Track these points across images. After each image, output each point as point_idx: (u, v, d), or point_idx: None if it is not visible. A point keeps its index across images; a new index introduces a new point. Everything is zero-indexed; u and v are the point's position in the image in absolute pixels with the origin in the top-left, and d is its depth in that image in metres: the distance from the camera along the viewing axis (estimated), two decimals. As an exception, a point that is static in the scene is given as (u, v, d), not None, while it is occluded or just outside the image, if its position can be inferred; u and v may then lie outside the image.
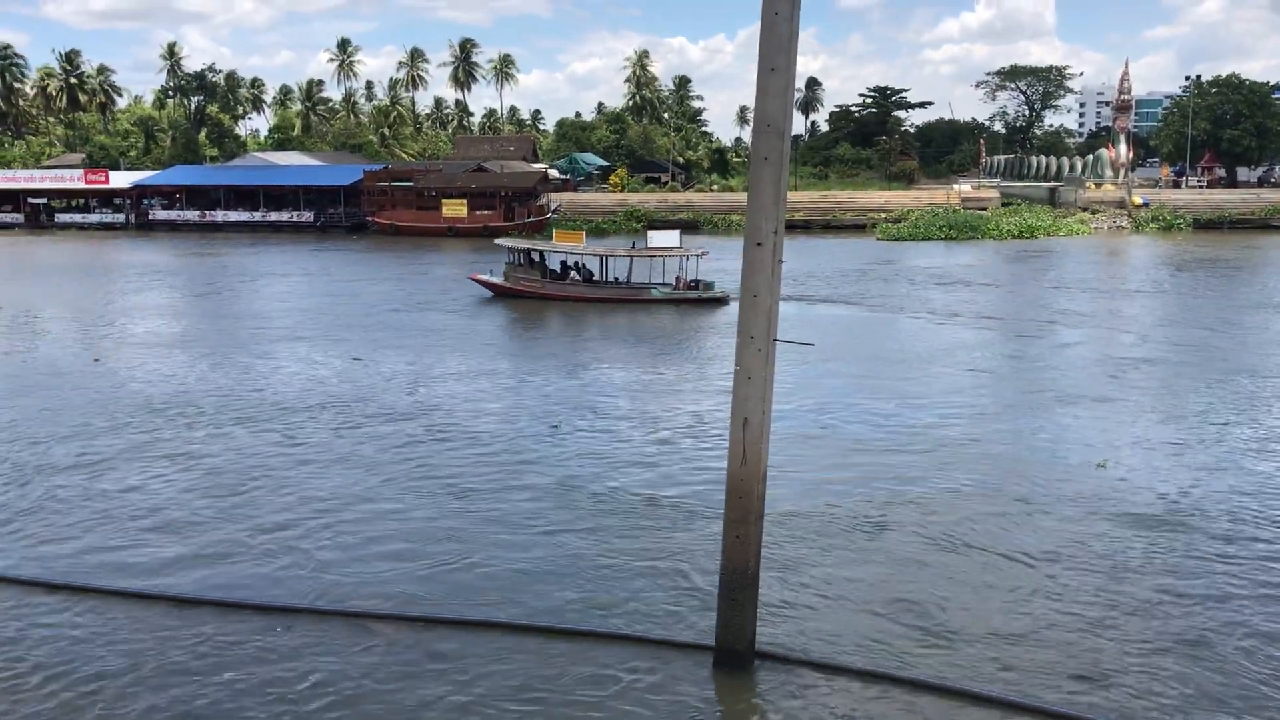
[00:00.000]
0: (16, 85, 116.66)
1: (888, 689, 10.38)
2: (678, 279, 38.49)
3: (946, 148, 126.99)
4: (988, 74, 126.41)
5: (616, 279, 39.62)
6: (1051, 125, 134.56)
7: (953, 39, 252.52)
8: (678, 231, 41.48)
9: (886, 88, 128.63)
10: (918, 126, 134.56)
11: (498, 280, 39.88)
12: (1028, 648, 11.16)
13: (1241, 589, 12.57)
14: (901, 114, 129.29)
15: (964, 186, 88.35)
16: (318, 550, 13.88)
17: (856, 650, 11.09)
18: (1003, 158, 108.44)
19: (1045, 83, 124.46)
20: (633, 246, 40.08)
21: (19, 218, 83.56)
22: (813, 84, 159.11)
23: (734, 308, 37.38)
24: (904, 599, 12.34)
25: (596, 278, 39.70)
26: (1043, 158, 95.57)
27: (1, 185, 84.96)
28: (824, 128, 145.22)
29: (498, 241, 42.89)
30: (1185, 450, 18.40)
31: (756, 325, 9.76)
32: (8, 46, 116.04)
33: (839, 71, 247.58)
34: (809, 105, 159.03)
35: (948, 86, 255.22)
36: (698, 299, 37.57)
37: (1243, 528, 14.53)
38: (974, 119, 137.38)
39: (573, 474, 17.31)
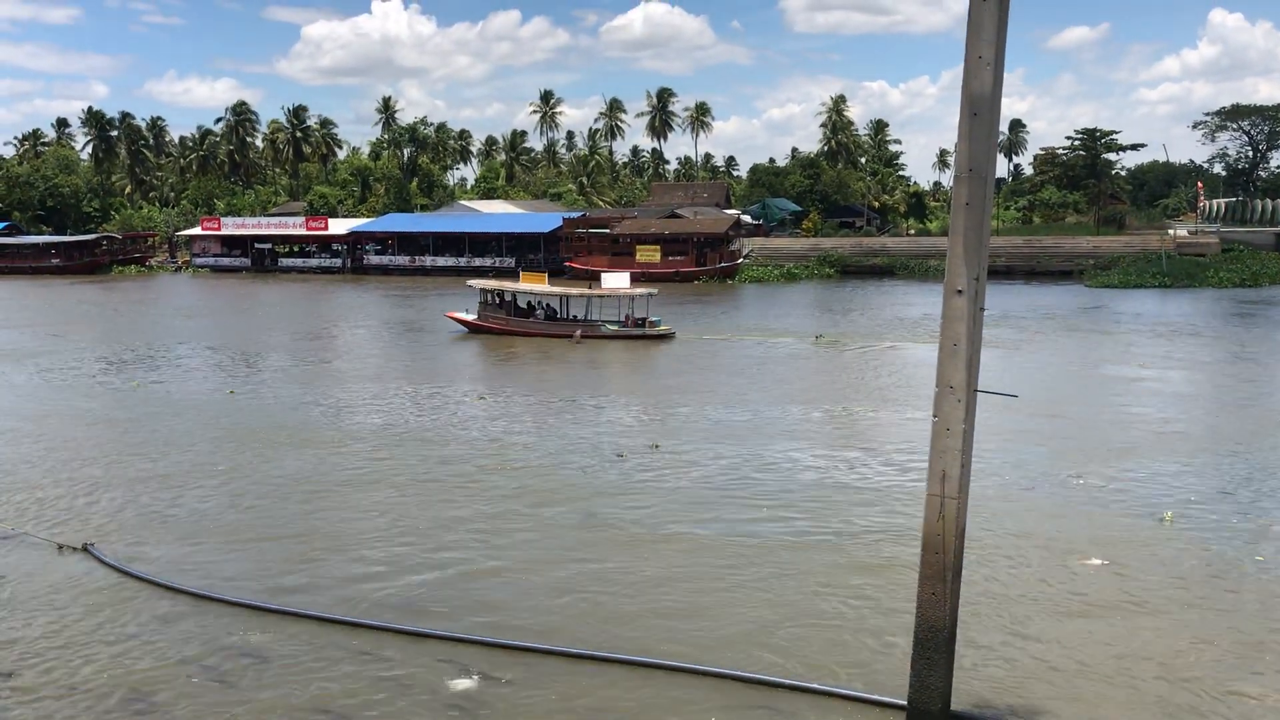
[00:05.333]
0: (248, 139, 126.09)
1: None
2: (626, 317, 42.24)
3: (1160, 191, 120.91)
4: (1206, 114, 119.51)
5: (575, 316, 43.46)
6: (1279, 167, 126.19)
7: (1172, 78, 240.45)
8: (627, 274, 45.50)
9: (1096, 129, 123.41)
10: (1129, 169, 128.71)
11: (472, 318, 44.01)
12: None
13: None
14: (1112, 156, 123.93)
15: (1180, 231, 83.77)
16: (489, 589, 14.18)
17: (1056, 718, 10.49)
18: (1223, 201, 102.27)
19: (1272, 122, 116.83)
20: (589, 287, 43.75)
21: (246, 261, 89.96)
22: (1017, 126, 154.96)
23: (680, 343, 40.06)
24: (1101, 663, 11.62)
25: (560, 315, 43.58)
26: (1269, 201, 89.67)
27: (232, 231, 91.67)
28: (1028, 170, 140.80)
29: (469, 283, 46.84)
30: None
31: (956, 375, 9.46)
32: (243, 104, 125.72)
33: (1046, 112, 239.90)
34: (1013, 148, 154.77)
35: (1164, 127, 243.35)
36: (643, 335, 41.07)
37: None
38: (1191, 160, 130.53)
39: (695, 510, 17.37)
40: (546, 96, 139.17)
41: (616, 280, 42.88)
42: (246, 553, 15.64)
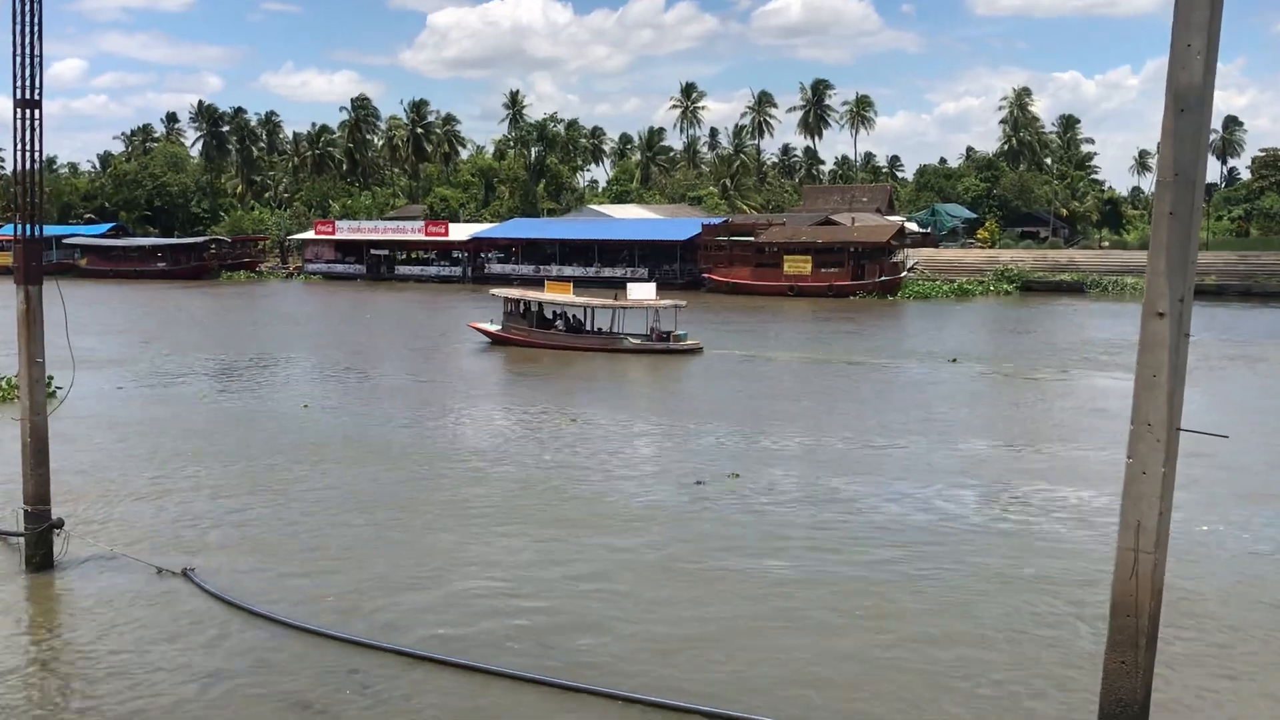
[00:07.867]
0: (368, 136, 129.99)
1: None
2: (652, 330, 43.58)
3: None
4: None
5: (599, 329, 45.04)
6: None
7: None
8: (653, 284, 47.99)
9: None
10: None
11: (495, 328, 46.06)
12: None
13: None
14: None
15: None
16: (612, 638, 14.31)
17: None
18: None
19: None
20: (614, 298, 45.31)
21: (361, 269, 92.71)
22: (1233, 124, 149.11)
23: (708, 357, 41.25)
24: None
25: (585, 327, 45.39)
26: None
27: (347, 236, 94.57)
28: (1245, 175, 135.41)
29: (493, 292, 49.64)
30: None
31: (1154, 411, 9.16)
32: (364, 98, 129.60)
33: (1269, 108, 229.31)
34: (1227, 149, 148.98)
35: None
36: (666, 349, 42.57)
37: None
38: None
39: (793, 547, 17.63)
40: (688, 90, 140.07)
41: (642, 291, 45.67)
42: (339, 580, 16.21)
